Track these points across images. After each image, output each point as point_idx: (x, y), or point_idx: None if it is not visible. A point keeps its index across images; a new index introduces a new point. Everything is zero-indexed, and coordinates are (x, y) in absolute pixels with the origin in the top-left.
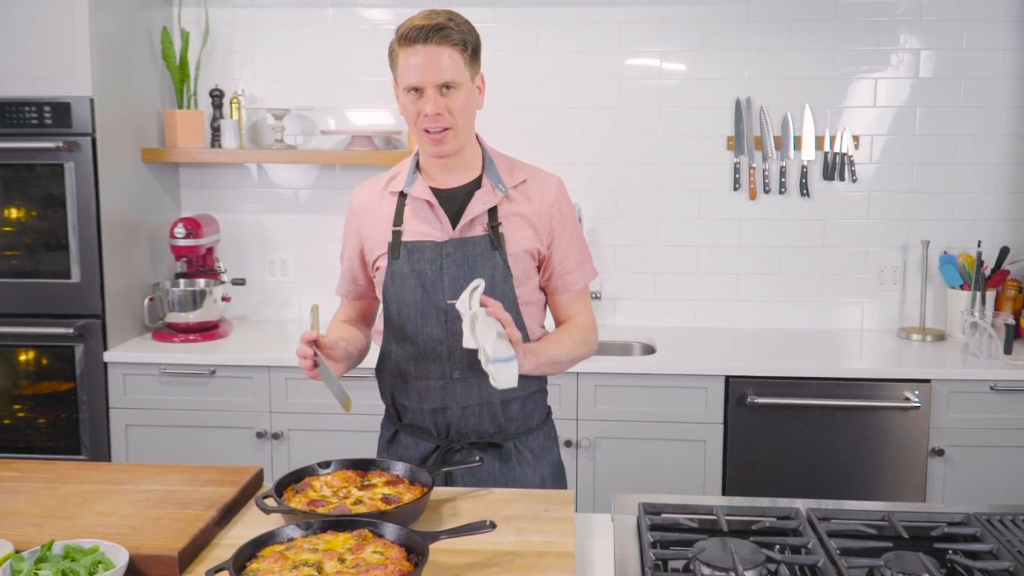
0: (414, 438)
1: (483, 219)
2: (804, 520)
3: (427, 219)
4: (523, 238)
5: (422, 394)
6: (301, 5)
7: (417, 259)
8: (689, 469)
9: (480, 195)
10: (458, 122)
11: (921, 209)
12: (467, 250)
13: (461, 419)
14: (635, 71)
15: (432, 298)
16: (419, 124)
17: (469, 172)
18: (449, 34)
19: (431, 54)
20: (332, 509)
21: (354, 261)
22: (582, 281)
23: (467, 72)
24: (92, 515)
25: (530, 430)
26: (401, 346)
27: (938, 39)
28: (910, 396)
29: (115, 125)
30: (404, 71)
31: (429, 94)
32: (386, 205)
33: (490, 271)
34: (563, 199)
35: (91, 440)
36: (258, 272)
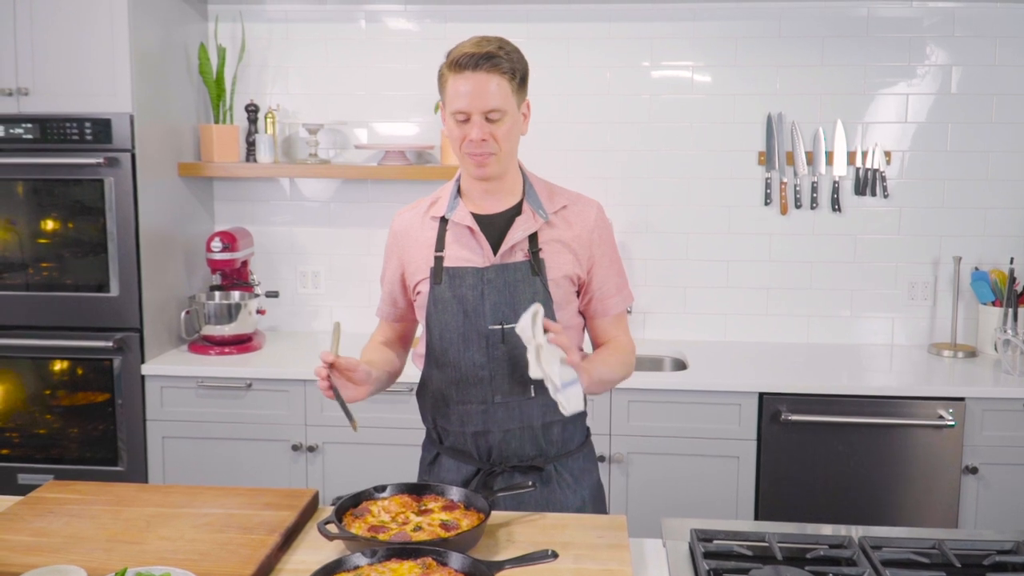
0: (456, 461)
1: (524, 245)
2: (857, 548)
3: (468, 245)
4: (563, 263)
5: (464, 418)
6: (333, 20)
7: (459, 285)
8: (722, 485)
9: (521, 221)
10: (502, 148)
11: (952, 225)
12: (508, 276)
13: (503, 443)
14: (666, 86)
15: (474, 323)
16: (464, 148)
17: (510, 198)
18: (499, 62)
19: (480, 81)
20: (393, 535)
21: (395, 285)
22: (621, 305)
23: (514, 100)
24: (158, 539)
25: (570, 452)
26: (442, 370)
27: (969, 55)
28: (944, 414)
29: (153, 140)
30: (452, 96)
31: (475, 120)
32: (428, 230)
33: (531, 296)
34: (603, 224)
35: (128, 452)
36: (289, 284)
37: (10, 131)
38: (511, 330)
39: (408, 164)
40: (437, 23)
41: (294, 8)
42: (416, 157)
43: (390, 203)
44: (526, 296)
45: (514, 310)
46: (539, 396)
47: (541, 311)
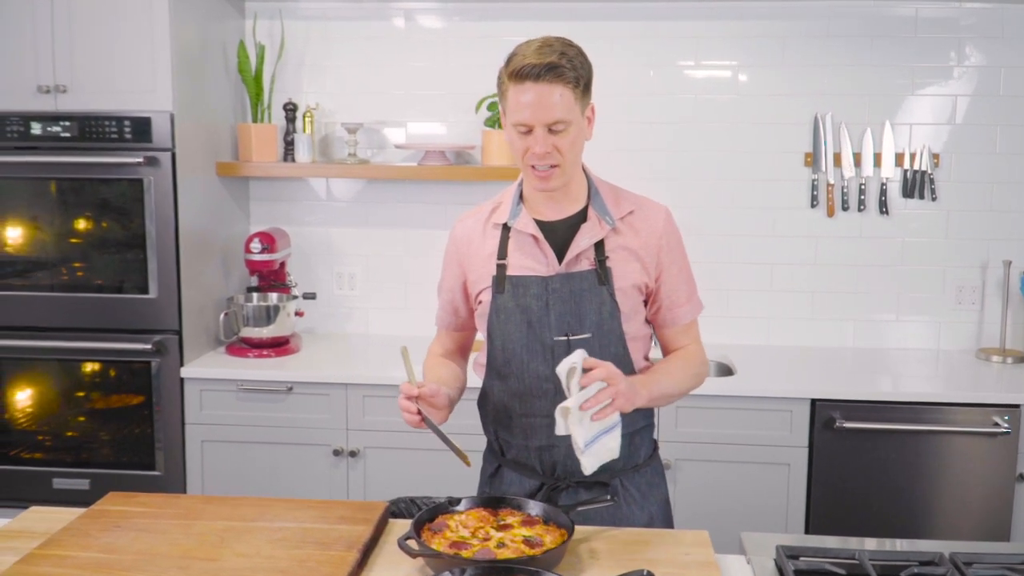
0: (518, 474)
1: (589, 253)
2: (949, 565)
3: (532, 253)
4: (631, 272)
5: (527, 431)
6: (371, 18)
7: (523, 294)
8: (772, 493)
9: (587, 228)
10: (566, 159)
11: (1001, 228)
12: (574, 285)
13: (568, 457)
14: (711, 86)
15: (538, 334)
16: (526, 160)
17: (574, 204)
18: (562, 72)
19: (542, 92)
20: (476, 552)
21: (456, 293)
22: (691, 315)
23: (577, 108)
24: (235, 556)
25: (636, 467)
26: (505, 382)
27: (1016, 56)
28: (999, 421)
29: (192, 139)
30: (514, 108)
31: (538, 132)
32: (490, 238)
33: (597, 306)
34: (671, 230)
35: (166, 456)
36: (326, 285)
37: (47, 129)
38: (578, 341)
39: (448, 164)
40: (475, 21)
41: (332, 6)
42: (456, 157)
43: (428, 204)
44: (592, 306)
45: (580, 320)
46: None
47: (580, 366)
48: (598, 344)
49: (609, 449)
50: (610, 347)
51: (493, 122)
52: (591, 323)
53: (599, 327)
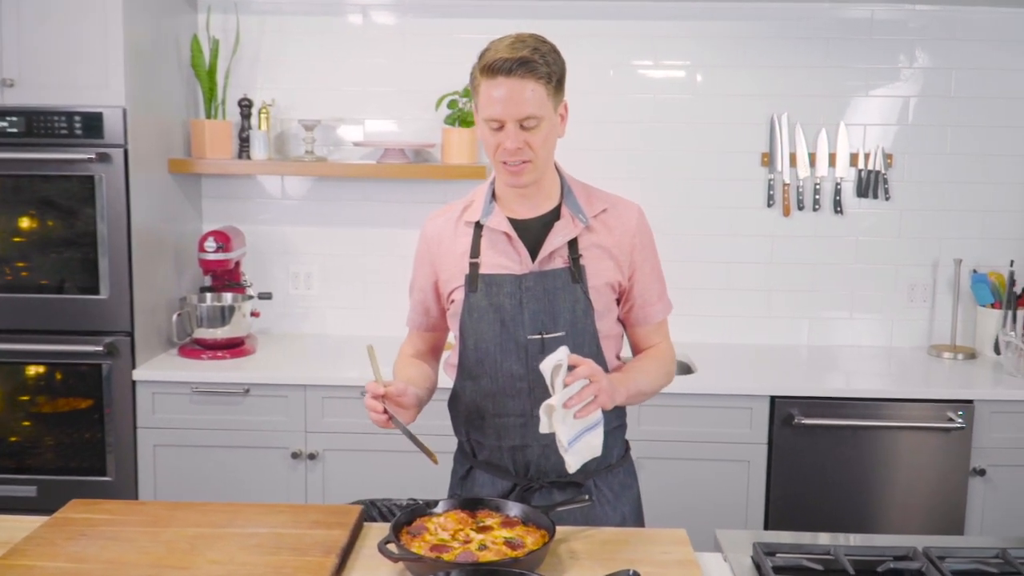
0: (491, 475)
1: (563, 251)
2: (925, 560)
3: (505, 251)
4: (604, 270)
5: (500, 432)
6: (328, 13)
7: (496, 293)
8: (732, 490)
9: (560, 226)
10: (538, 155)
11: (952, 227)
12: (547, 283)
13: (542, 457)
14: (669, 86)
15: (512, 333)
16: (498, 156)
17: (547, 202)
18: (534, 67)
19: (514, 87)
20: (458, 555)
21: (427, 293)
22: (662, 313)
23: (550, 104)
24: (208, 564)
25: (610, 467)
26: (477, 382)
27: (970, 59)
28: (953, 417)
29: (145, 135)
30: (486, 102)
31: (510, 128)
32: (462, 236)
33: (571, 305)
34: (644, 228)
35: (118, 461)
36: (282, 285)
37: None
38: (552, 339)
39: (407, 162)
40: (432, 18)
41: (287, 0)
42: (415, 155)
43: (387, 202)
44: (566, 304)
45: (554, 319)
46: None
47: (565, 364)
48: (572, 343)
49: (592, 447)
50: (584, 346)
51: (453, 120)
52: (565, 321)
53: (573, 325)
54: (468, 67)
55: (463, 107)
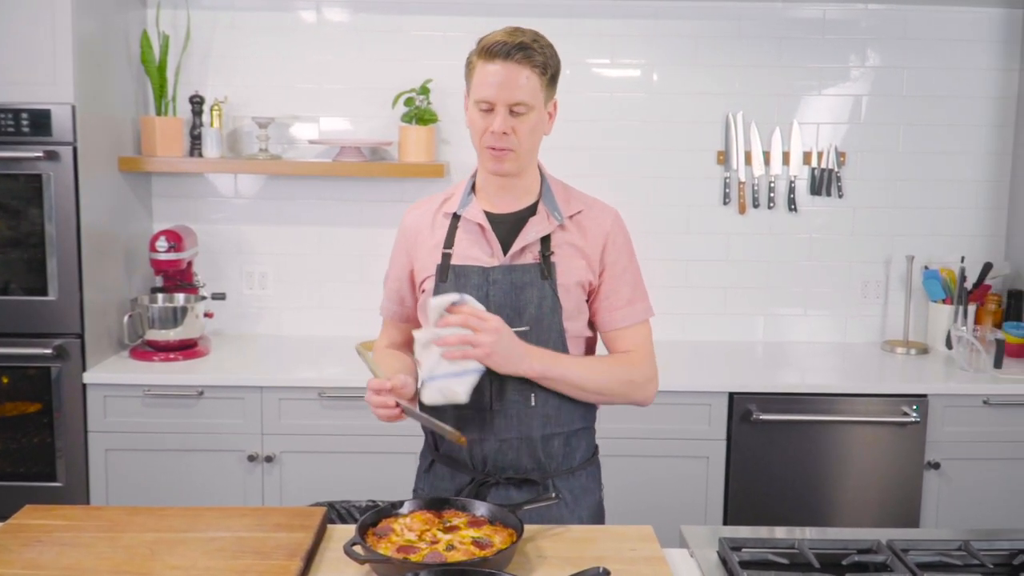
0: (450, 469)
1: (535, 247)
2: (888, 552)
3: (478, 243)
4: (575, 269)
5: (459, 424)
6: (282, 9)
7: (463, 284)
8: (691, 486)
9: (535, 222)
10: (522, 144)
11: (904, 224)
12: (515, 278)
13: (499, 452)
14: (625, 84)
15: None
16: (483, 140)
17: (526, 197)
18: (531, 54)
19: (509, 72)
20: (426, 556)
21: (403, 282)
22: (631, 319)
23: (542, 96)
24: (168, 569)
25: (571, 469)
26: None
27: (922, 58)
28: (908, 411)
29: (93, 133)
30: (479, 84)
31: (499, 112)
32: (439, 227)
33: (538, 301)
34: (618, 231)
35: (68, 466)
36: (235, 285)
37: None
38: (516, 333)
39: (364, 160)
40: (391, 15)
41: None
42: (371, 153)
43: (343, 201)
44: (533, 300)
45: (519, 313)
46: (539, 406)
47: (455, 302)
48: (536, 339)
49: (454, 392)
50: (549, 343)
51: (410, 118)
52: (530, 317)
53: (538, 321)
54: (425, 64)
55: (420, 105)
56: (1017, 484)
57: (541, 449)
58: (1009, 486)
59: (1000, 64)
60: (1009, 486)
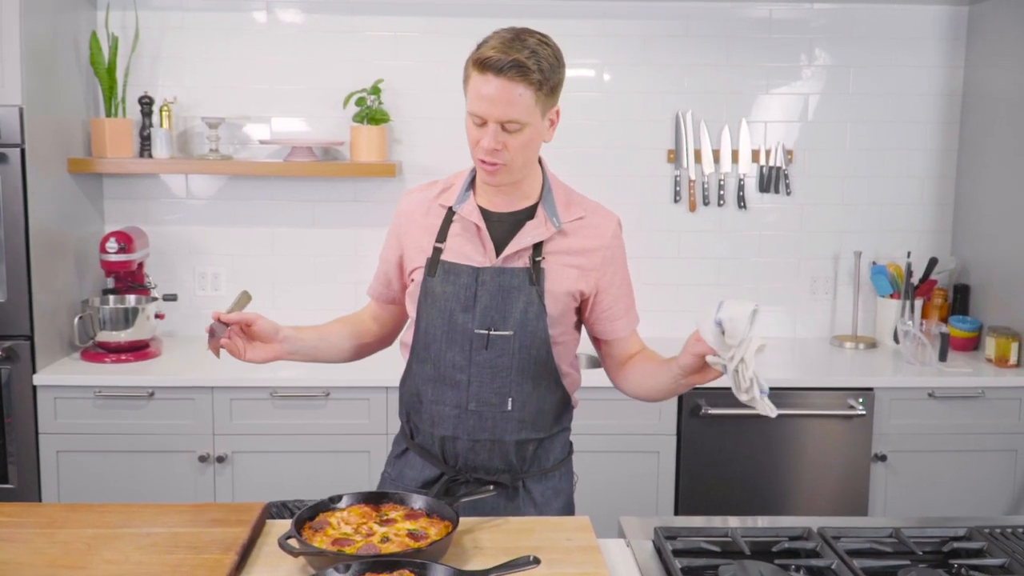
0: (422, 460)
1: (528, 251)
2: (819, 539)
3: (471, 241)
4: (567, 278)
5: (434, 419)
6: (231, 9)
7: (453, 281)
8: (642, 480)
9: (531, 226)
10: (514, 159)
11: (851, 221)
12: (503, 281)
13: (470, 452)
14: (576, 84)
15: (460, 324)
16: (476, 152)
17: (525, 199)
18: (526, 72)
19: (502, 88)
20: (360, 548)
21: (391, 265)
22: (628, 328)
23: (537, 110)
24: (104, 563)
25: (544, 471)
26: (422, 366)
27: (867, 56)
28: (855, 404)
29: (42, 134)
30: (473, 97)
31: (491, 127)
32: (433, 217)
33: (524, 306)
34: (618, 242)
35: (19, 468)
36: (188, 286)
37: None
38: (498, 337)
39: (316, 160)
40: (342, 15)
41: None
42: (323, 153)
43: (295, 201)
44: (519, 304)
45: (504, 317)
46: (516, 410)
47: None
48: (519, 344)
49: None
50: (532, 348)
51: (362, 118)
52: (514, 321)
53: (522, 327)
54: (376, 64)
55: (371, 105)
56: (961, 475)
57: (514, 453)
58: (954, 477)
59: (945, 61)
60: (954, 477)
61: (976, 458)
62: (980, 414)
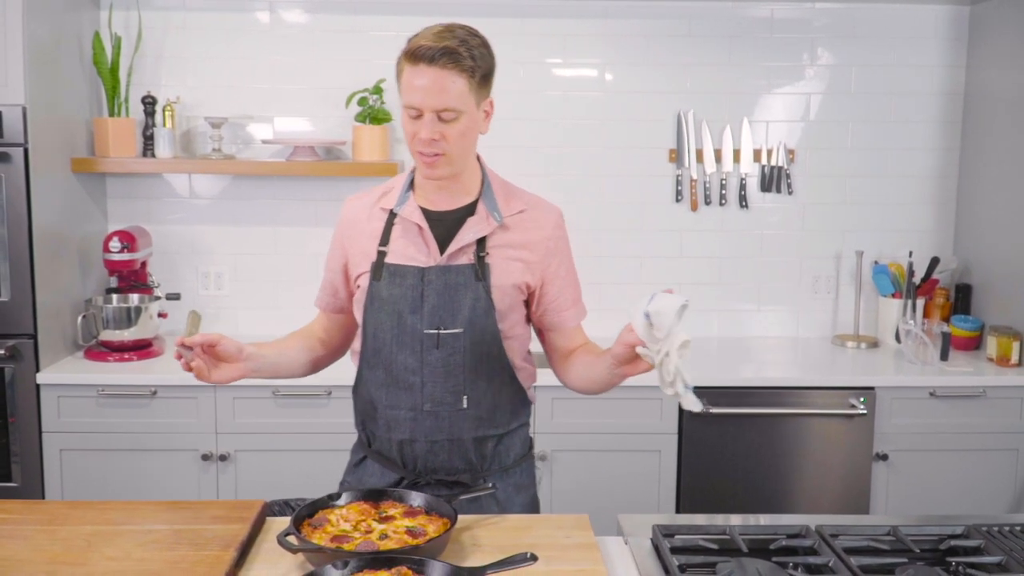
0: (381, 466)
1: (471, 248)
2: (816, 537)
3: (414, 242)
4: (512, 271)
5: (391, 424)
6: (234, 9)
7: (398, 283)
8: (644, 479)
9: (473, 222)
10: (453, 149)
11: (853, 220)
12: (449, 279)
13: (429, 453)
14: (578, 83)
15: (409, 326)
16: (414, 145)
17: (465, 196)
18: (458, 59)
19: (436, 77)
20: (359, 545)
21: (337, 274)
22: (576, 319)
23: (472, 99)
24: (104, 560)
25: (505, 468)
26: (373, 372)
27: (870, 55)
28: (856, 403)
29: (46, 134)
30: (407, 89)
31: (427, 118)
32: (375, 221)
33: (472, 302)
34: (561, 233)
35: (23, 467)
36: (191, 286)
37: None
38: (448, 335)
39: (318, 160)
40: (345, 15)
41: None
42: (326, 153)
43: (297, 200)
44: (467, 301)
45: (453, 315)
46: (472, 408)
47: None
48: (470, 340)
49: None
50: (483, 344)
51: (364, 117)
52: (463, 319)
53: (471, 324)
54: (378, 64)
55: (373, 104)
56: (963, 474)
57: (473, 451)
58: (955, 476)
59: (947, 61)
60: (955, 476)
61: (978, 457)
62: (981, 413)
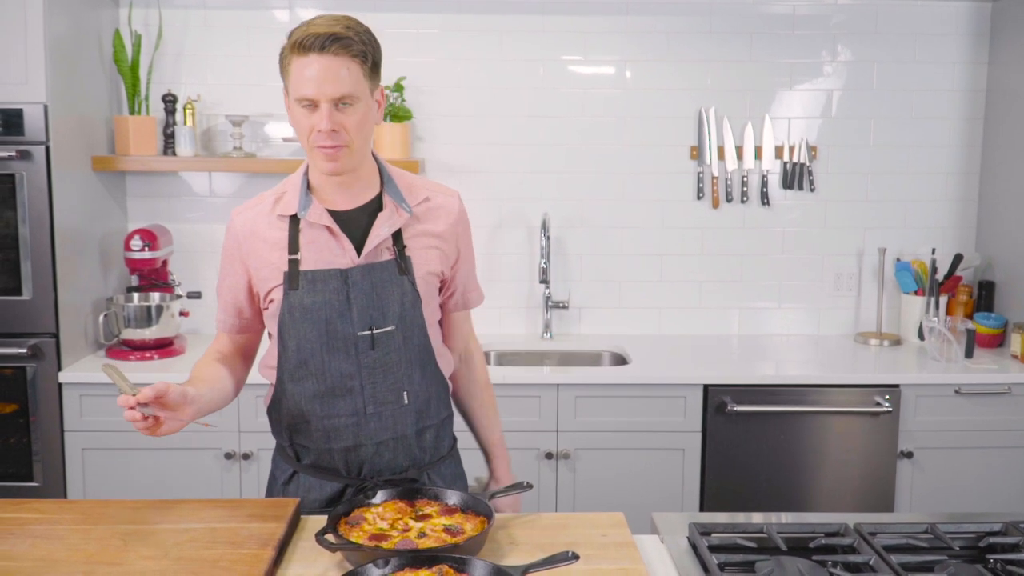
0: (318, 479)
1: (389, 243)
2: (855, 535)
3: (328, 246)
4: (430, 259)
5: (330, 434)
6: (253, 7)
7: (321, 289)
8: (667, 477)
9: (384, 217)
10: (354, 139)
11: (875, 217)
12: (375, 277)
13: (375, 456)
14: (600, 80)
15: (339, 330)
16: (312, 140)
17: (367, 191)
18: (349, 44)
19: (328, 65)
20: (397, 544)
21: (240, 293)
22: (479, 300)
23: (366, 86)
24: (141, 559)
25: (443, 458)
26: (300, 384)
27: (892, 51)
28: (880, 401)
29: (66, 132)
30: (297, 81)
31: (324, 108)
32: (276, 231)
33: (399, 297)
34: (464, 216)
35: (44, 466)
36: (212, 284)
37: None
38: (382, 334)
39: None
40: (363, 12)
41: None
42: None
43: None
44: (395, 297)
45: (383, 313)
46: (412, 403)
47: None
48: (402, 336)
49: None
50: (413, 338)
51: (384, 115)
52: (393, 315)
53: (402, 319)
54: (399, 62)
55: (394, 102)
56: (988, 472)
57: (416, 445)
58: (981, 474)
59: (969, 57)
60: (981, 474)
61: (1003, 455)
62: (1006, 410)
